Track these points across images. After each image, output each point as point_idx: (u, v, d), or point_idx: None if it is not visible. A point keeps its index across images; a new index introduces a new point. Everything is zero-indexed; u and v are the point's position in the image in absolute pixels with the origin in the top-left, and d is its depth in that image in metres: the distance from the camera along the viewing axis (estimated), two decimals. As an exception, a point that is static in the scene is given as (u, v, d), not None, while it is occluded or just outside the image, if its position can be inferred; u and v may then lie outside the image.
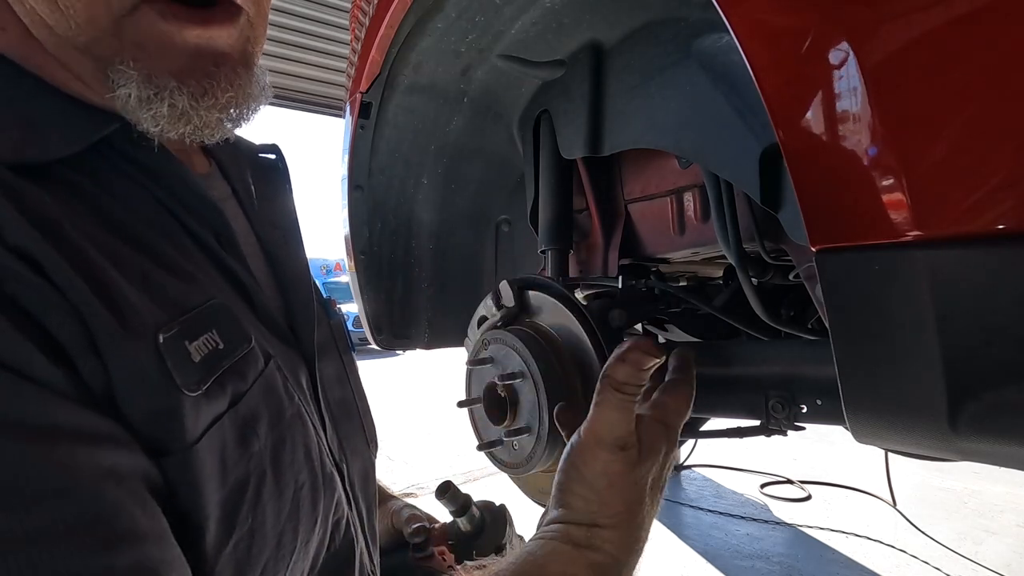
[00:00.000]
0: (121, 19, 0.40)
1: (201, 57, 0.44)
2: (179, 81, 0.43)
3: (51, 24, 0.41)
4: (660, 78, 0.84)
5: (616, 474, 0.44)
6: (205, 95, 0.44)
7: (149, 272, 0.40)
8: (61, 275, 0.34)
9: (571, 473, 0.46)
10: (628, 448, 0.45)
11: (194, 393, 0.38)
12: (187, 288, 0.42)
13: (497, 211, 1.41)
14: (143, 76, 0.42)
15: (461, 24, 0.96)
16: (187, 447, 0.37)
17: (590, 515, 0.44)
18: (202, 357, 0.39)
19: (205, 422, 0.39)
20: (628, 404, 0.46)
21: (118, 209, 0.42)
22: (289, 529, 0.45)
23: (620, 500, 0.44)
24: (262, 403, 0.44)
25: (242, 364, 0.43)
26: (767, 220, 0.77)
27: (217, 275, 0.48)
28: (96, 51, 0.42)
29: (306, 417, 0.50)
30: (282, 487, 0.44)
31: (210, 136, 0.47)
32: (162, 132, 0.44)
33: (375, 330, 1.38)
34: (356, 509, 0.57)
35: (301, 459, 0.47)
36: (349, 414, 0.60)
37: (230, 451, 0.40)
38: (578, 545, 0.43)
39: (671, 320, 1.07)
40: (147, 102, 0.42)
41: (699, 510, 2.86)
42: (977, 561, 2.19)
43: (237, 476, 0.41)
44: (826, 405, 0.71)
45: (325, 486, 0.50)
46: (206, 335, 0.41)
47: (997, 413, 0.40)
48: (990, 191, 0.37)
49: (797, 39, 0.45)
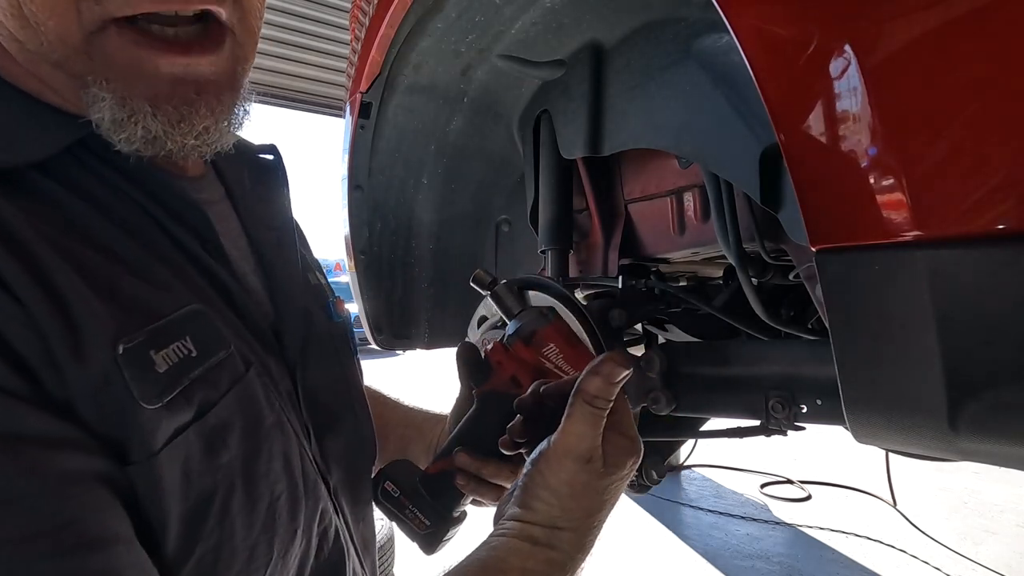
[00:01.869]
0: (91, 36, 0.40)
1: (182, 84, 0.42)
2: (154, 106, 0.41)
3: (22, 40, 0.40)
4: (660, 78, 0.84)
5: (580, 484, 0.46)
6: (182, 122, 0.43)
7: (118, 280, 0.39)
8: (20, 286, 0.33)
9: (536, 478, 0.47)
10: (594, 461, 0.47)
11: (153, 406, 0.37)
12: (160, 295, 0.41)
13: (497, 211, 1.41)
14: (117, 99, 0.41)
15: (461, 24, 0.96)
16: (147, 458, 0.36)
17: (551, 518, 0.46)
18: (170, 366, 0.39)
19: (166, 434, 0.38)
20: (598, 418, 0.47)
21: (91, 216, 0.41)
22: (263, 541, 0.43)
23: (580, 508, 0.47)
24: (236, 412, 0.43)
25: (216, 372, 0.42)
26: (767, 220, 0.77)
27: (201, 280, 0.47)
28: (70, 68, 0.41)
29: (287, 426, 0.48)
30: (255, 499, 0.43)
31: (185, 159, 0.46)
32: (137, 153, 0.43)
33: (375, 330, 1.38)
34: (343, 519, 0.56)
35: (279, 469, 0.46)
36: (339, 421, 0.58)
37: (195, 463, 0.39)
38: (537, 543, 0.45)
39: (671, 320, 1.07)
40: (120, 124, 0.41)
41: (699, 510, 2.86)
42: (977, 561, 2.19)
43: (202, 488, 0.40)
44: (826, 405, 0.71)
45: (307, 496, 0.49)
46: (177, 343, 0.40)
47: (997, 413, 0.40)
48: (990, 191, 0.37)
49: (798, 40, 0.45)
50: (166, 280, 0.43)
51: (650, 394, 0.91)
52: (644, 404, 0.92)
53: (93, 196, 0.43)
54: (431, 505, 0.58)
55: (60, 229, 0.38)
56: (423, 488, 0.58)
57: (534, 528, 0.45)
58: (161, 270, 0.43)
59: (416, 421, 0.79)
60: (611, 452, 0.48)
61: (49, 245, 0.36)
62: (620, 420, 0.50)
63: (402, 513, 0.58)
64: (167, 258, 0.45)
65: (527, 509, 0.47)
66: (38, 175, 0.40)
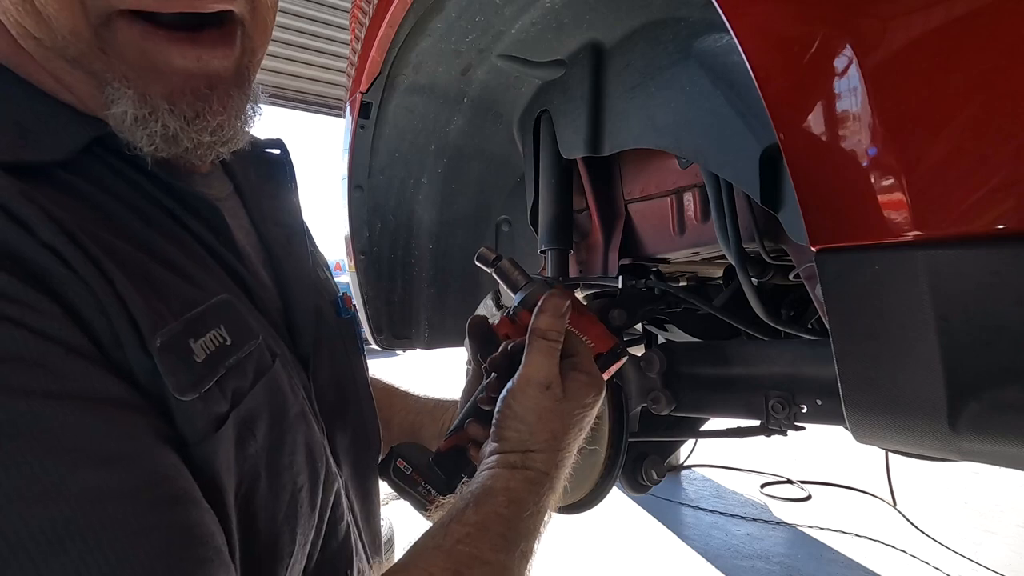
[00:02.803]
0: (100, 30, 0.40)
1: (194, 79, 0.43)
2: (170, 104, 0.43)
3: (37, 36, 0.41)
4: (660, 78, 0.84)
5: (544, 409, 0.51)
6: (197, 118, 0.44)
7: (151, 272, 0.40)
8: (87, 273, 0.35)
9: (506, 412, 0.52)
10: (553, 388, 0.52)
11: (188, 397, 0.38)
12: (190, 286, 0.42)
13: (497, 211, 1.41)
14: (137, 96, 0.42)
15: (461, 24, 0.96)
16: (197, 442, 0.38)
17: (522, 443, 0.51)
18: (208, 354, 0.40)
19: (208, 422, 0.39)
20: (552, 349, 0.53)
21: (118, 210, 0.42)
22: (286, 531, 0.44)
23: (547, 430, 0.51)
24: (264, 403, 0.44)
25: (247, 361, 0.43)
26: (767, 220, 0.77)
27: (221, 273, 0.47)
28: (88, 65, 0.42)
29: (310, 416, 0.50)
30: (277, 490, 0.44)
31: (201, 159, 0.47)
32: (156, 152, 0.44)
33: (375, 330, 1.38)
34: (353, 515, 0.56)
35: (301, 460, 0.47)
36: (347, 417, 0.59)
37: (231, 454, 0.40)
38: (513, 467, 0.49)
39: (671, 320, 1.07)
40: (143, 121, 0.42)
41: (699, 510, 2.86)
42: (977, 561, 2.19)
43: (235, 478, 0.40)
44: (826, 405, 0.71)
45: (326, 487, 0.50)
46: (214, 331, 0.41)
47: (997, 413, 0.40)
48: (990, 191, 0.37)
49: (798, 40, 0.45)
50: (193, 272, 0.44)
51: (650, 394, 0.91)
52: (644, 404, 0.92)
53: (116, 191, 0.43)
54: (444, 481, 0.59)
55: (92, 223, 0.39)
56: (436, 465, 0.59)
57: (510, 455, 0.50)
58: (187, 262, 0.44)
59: (427, 408, 0.81)
60: (571, 386, 0.53)
61: (90, 236, 0.37)
62: (579, 360, 0.55)
63: (414, 489, 0.58)
64: (190, 251, 0.46)
65: (501, 440, 0.51)
66: (64, 172, 0.41)
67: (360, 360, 0.65)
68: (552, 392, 0.52)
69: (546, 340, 0.53)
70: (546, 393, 0.52)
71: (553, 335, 0.54)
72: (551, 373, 0.53)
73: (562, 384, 0.53)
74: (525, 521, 0.47)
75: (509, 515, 0.46)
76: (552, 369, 0.53)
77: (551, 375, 0.52)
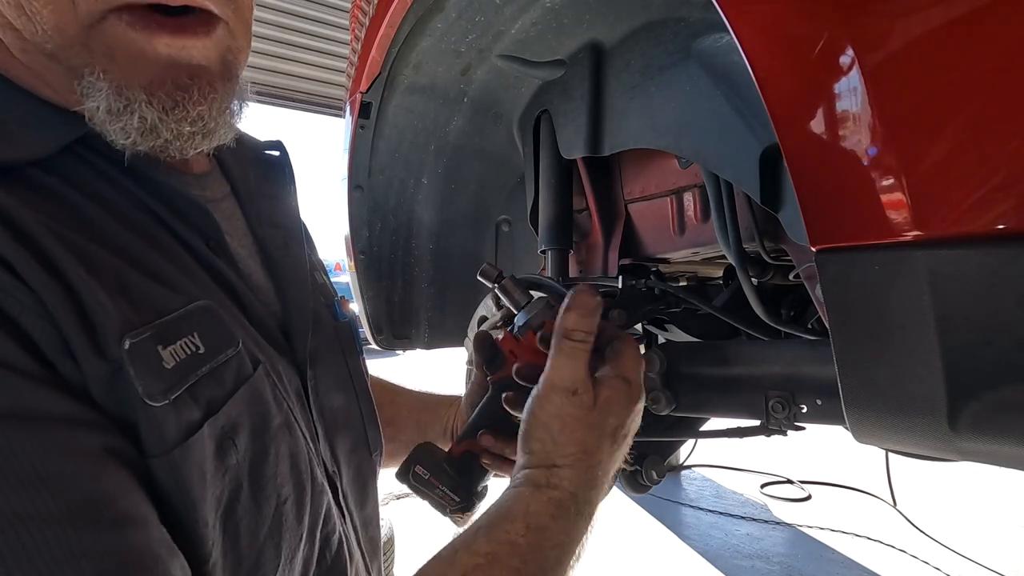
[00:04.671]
0: (89, 29, 0.39)
1: (174, 68, 0.42)
2: (148, 94, 0.41)
3: (19, 28, 0.40)
4: (660, 78, 0.84)
5: (569, 416, 0.47)
6: (175, 108, 0.42)
7: (124, 276, 0.39)
8: (32, 276, 0.33)
9: (531, 421, 0.48)
10: (580, 393, 0.48)
11: (158, 403, 0.36)
12: (166, 292, 0.41)
13: (497, 211, 1.41)
14: (113, 88, 0.40)
15: (461, 24, 0.96)
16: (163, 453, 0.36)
17: (547, 457, 0.47)
18: (177, 362, 0.38)
19: (179, 430, 0.37)
20: (579, 351, 0.49)
21: (94, 212, 0.41)
22: (270, 546, 0.43)
23: (573, 441, 0.47)
24: (244, 412, 0.43)
25: (223, 370, 0.42)
26: (767, 220, 0.77)
27: (206, 278, 0.46)
28: (65, 59, 0.41)
29: (295, 427, 0.48)
30: (260, 502, 0.43)
31: (181, 151, 0.45)
32: (134, 145, 0.42)
33: (375, 330, 1.38)
34: (351, 521, 0.55)
35: (285, 472, 0.45)
36: (348, 422, 0.58)
37: (208, 464, 0.39)
38: (538, 486, 0.46)
39: (671, 320, 1.07)
40: (117, 115, 0.41)
41: (699, 510, 2.86)
42: (977, 561, 2.19)
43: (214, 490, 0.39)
44: (826, 405, 0.71)
45: (313, 499, 0.48)
46: (184, 339, 0.39)
47: (997, 413, 0.40)
48: (989, 191, 0.37)
49: (798, 40, 0.45)
50: (172, 277, 0.42)
51: (650, 394, 0.90)
52: (644, 404, 0.92)
53: (96, 192, 0.42)
54: (459, 483, 0.61)
55: (65, 224, 0.38)
56: (450, 468, 0.61)
57: (534, 472, 0.47)
58: (167, 267, 0.43)
59: (431, 404, 0.81)
60: (604, 393, 0.49)
61: (56, 239, 0.36)
62: (624, 363, 0.51)
63: (433, 492, 0.61)
64: (172, 255, 0.44)
65: (527, 454, 0.48)
66: (40, 172, 0.40)
67: (359, 364, 0.64)
68: (579, 399, 0.47)
69: (571, 341, 0.49)
70: (571, 399, 0.47)
71: (580, 335, 0.49)
72: (577, 377, 0.48)
73: (594, 390, 0.48)
74: (546, 553, 0.43)
75: (527, 545, 0.42)
76: (578, 373, 0.48)
77: (577, 379, 0.48)
